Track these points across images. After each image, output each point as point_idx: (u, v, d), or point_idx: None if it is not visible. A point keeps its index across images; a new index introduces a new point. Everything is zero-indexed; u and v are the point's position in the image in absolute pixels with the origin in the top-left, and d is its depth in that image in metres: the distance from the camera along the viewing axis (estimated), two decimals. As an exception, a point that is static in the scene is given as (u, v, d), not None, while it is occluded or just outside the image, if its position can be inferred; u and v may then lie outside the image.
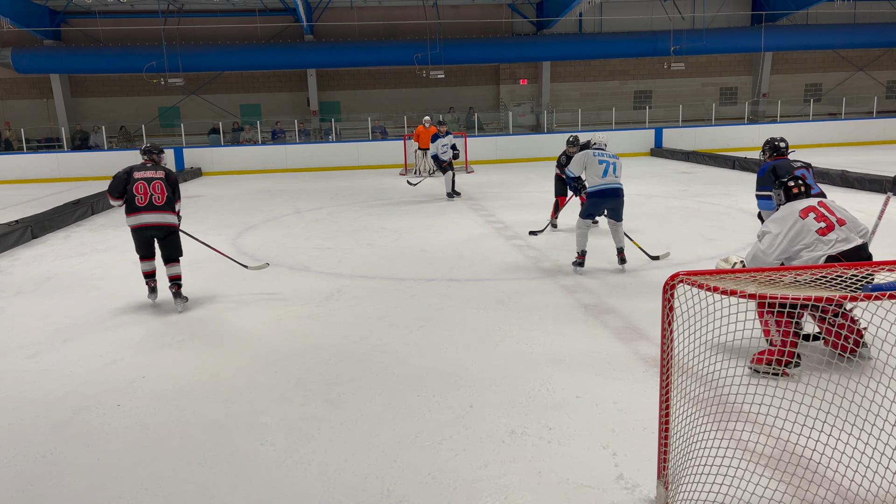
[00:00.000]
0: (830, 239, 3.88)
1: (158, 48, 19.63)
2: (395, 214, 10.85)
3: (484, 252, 7.74)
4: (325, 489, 3.05)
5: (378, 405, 3.88)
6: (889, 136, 20.38)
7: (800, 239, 3.92)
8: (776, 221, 4.06)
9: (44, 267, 7.88)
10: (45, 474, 3.27)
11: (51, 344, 5.17)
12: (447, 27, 21.80)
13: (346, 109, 23.28)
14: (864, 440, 2.64)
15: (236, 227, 10.11)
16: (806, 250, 3.88)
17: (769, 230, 4.05)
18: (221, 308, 5.96)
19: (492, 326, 5.18)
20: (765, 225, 4.14)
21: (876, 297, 2.21)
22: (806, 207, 4.00)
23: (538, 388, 4.00)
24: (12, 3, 18.39)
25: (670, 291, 2.55)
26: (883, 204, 6.04)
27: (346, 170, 18.87)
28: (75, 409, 3.99)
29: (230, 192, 14.61)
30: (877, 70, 24.41)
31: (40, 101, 22.17)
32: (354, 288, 6.44)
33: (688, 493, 2.71)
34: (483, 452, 3.30)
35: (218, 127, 20.41)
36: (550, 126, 22.62)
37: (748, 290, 2.30)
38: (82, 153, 18.99)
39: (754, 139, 20.09)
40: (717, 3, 22.81)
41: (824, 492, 2.74)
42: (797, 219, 3.96)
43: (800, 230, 3.92)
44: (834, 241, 3.87)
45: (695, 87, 24.43)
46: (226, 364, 4.63)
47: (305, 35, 21.81)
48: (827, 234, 3.89)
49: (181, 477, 3.20)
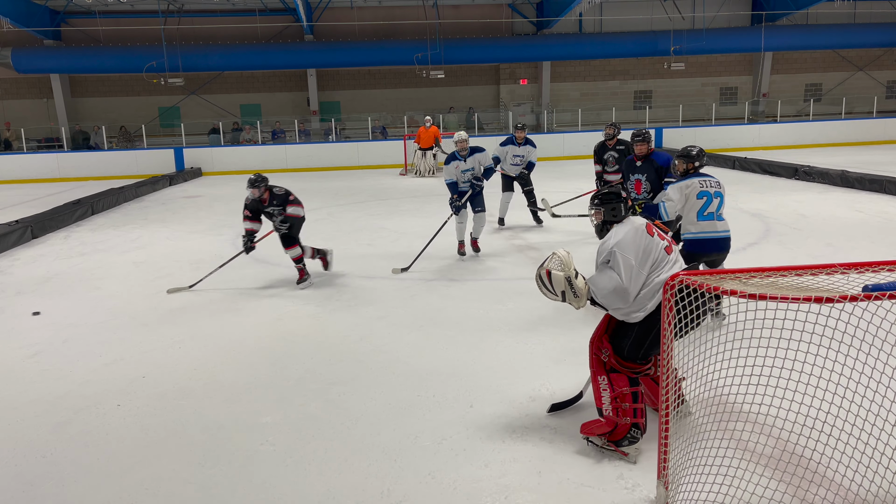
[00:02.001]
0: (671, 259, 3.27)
1: (158, 48, 19.61)
2: (395, 214, 10.85)
3: (484, 252, 7.74)
4: (325, 489, 3.05)
5: (378, 405, 3.88)
6: (889, 136, 20.37)
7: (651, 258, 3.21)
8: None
9: (44, 267, 7.88)
10: (45, 474, 3.27)
11: (51, 344, 5.17)
12: (447, 27, 21.79)
13: (346, 109, 23.27)
14: (864, 440, 2.64)
15: (236, 227, 10.09)
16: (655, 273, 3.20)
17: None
18: (221, 308, 5.96)
19: (492, 326, 5.18)
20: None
21: (876, 297, 2.21)
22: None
23: (538, 388, 4.00)
24: (12, 3, 18.37)
25: (670, 291, 2.55)
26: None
27: (346, 170, 18.86)
28: (75, 409, 3.99)
29: (230, 192, 14.60)
30: (877, 70, 24.40)
31: (40, 101, 22.15)
32: (354, 288, 6.44)
33: (688, 493, 2.71)
34: (483, 452, 3.30)
35: (218, 127, 20.40)
36: (550, 126, 22.61)
37: (748, 290, 2.30)
38: (82, 153, 18.98)
39: (754, 139, 20.11)
40: (717, 3, 22.80)
41: (824, 492, 2.74)
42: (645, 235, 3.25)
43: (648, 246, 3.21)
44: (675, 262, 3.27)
45: (695, 87, 24.41)
46: (226, 364, 4.63)
47: (305, 35, 21.79)
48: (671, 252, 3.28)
49: (181, 477, 3.20)
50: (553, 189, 12.56)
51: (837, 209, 9.74)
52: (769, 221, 8.98)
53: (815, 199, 10.76)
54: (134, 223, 11.01)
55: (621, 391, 3.23)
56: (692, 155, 4.85)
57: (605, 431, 3.22)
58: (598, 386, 3.34)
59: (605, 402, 3.28)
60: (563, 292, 3.27)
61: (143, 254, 8.40)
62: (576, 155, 19.87)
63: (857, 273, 2.44)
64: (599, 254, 3.32)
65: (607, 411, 3.26)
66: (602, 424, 3.24)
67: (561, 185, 13.24)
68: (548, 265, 3.29)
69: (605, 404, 3.28)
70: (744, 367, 2.67)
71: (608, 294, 3.18)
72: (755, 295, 2.25)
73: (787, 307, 2.35)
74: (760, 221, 9.03)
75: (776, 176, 13.87)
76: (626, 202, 3.37)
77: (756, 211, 9.76)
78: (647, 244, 3.21)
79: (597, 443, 3.26)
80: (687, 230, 4.80)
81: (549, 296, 3.34)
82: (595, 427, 3.26)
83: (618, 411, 3.22)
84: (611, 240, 3.24)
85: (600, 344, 3.39)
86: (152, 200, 13.74)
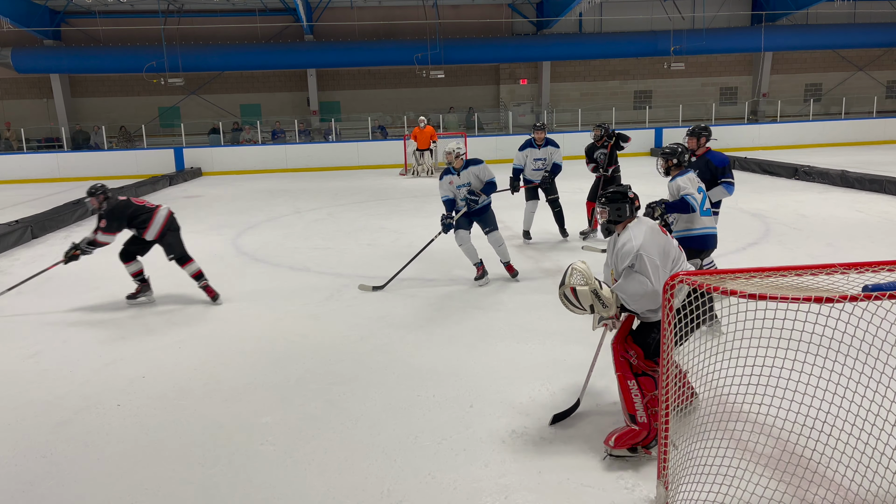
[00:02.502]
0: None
1: (158, 48, 19.61)
2: (395, 214, 10.85)
3: (484, 252, 7.73)
4: (325, 489, 3.05)
5: (378, 405, 3.88)
6: (889, 136, 20.37)
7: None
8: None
9: (44, 267, 7.86)
10: (45, 474, 3.27)
11: (51, 344, 5.17)
12: (447, 27, 21.79)
13: (346, 109, 23.27)
14: (864, 440, 2.64)
15: (236, 227, 10.10)
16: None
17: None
18: (221, 308, 5.96)
19: (492, 326, 5.18)
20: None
21: (876, 297, 2.21)
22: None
23: (538, 388, 4.00)
24: (12, 3, 18.36)
25: (670, 291, 2.55)
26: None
27: (346, 170, 18.86)
28: (75, 409, 3.99)
29: (230, 192, 14.60)
30: (877, 70, 24.39)
31: (40, 101, 22.15)
32: (354, 288, 6.44)
33: (688, 492, 2.71)
34: (483, 452, 3.30)
35: (218, 127, 20.40)
36: (550, 126, 22.60)
37: (748, 290, 2.30)
38: (82, 153, 18.98)
39: (754, 139, 20.10)
40: (717, 3, 22.80)
41: (824, 492, 2.74)
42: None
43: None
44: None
45: (695, 87, 24.41)
46: (226, 364, 4.63)
47: (305, 35, 21.79)
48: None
49: (181, 477, 3.20)
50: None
51: (837, 209, 9.74)
52: (769, 221, 8.98)
53: (815, 199, 10.76)
54: (134, 223, 10.99)
55: (652, 394, 3.13)
56: (679, 151, 4.81)
57: (641, 439, 3.09)
58: (629, 391, 3.18)
59: (639, 408, 3.13)
60: (590, 305, 3.19)
61: (143, 254, 8.38)
62: (576, 155, 19.84)
63: (857, 273, 2.44)
64: (620, 257, 3.22)
65: (641, 417, 3.11)
66: (637, 433, 3.10)
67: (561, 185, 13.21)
68: (571, 282, 3.18)
69: (639, 410, 3.13)
70: (744, 367, 2.68)
71: (640, 299, 3.12)
72: (755, 295, 2.25)
73: (787, 307, 2.35)
74: (760, 221, 9.03)
75: (776, 176, 13.88)
76: (633, 202, 3.32)
77: (756, 211, 9.76)
78: (665, 243, 3.21)
79: (619, 455, 3.12)
80: (689, 227, 4.74)
81: (576, 311, 3.25)
82: (629, 437, 3.11)
83: (652, 415, 3.09)
84: (632, 242, 3.16)
85: (626, 346, 3.26)
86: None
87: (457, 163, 6.34)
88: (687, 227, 4.76)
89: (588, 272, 3.19)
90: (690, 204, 4.60)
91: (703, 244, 4.76)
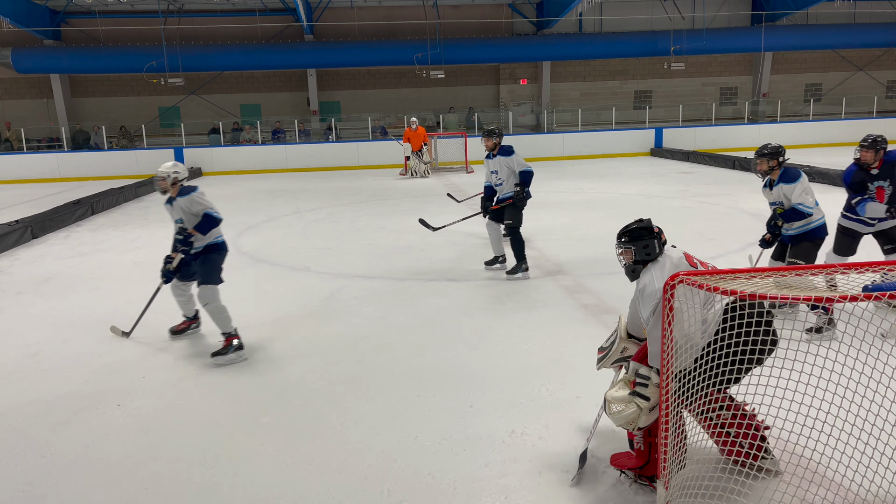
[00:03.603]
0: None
1: (158, 48, 19.62)
2: (395, 214, 10.85)
3: (484, 252, 7.74)
4: (325, 489, 3.05)
5: (378, 405, 3.88)
6: (889, 136, 20.28)
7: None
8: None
9: (44, 267, 7.88)
10: (45, 474, 3.27)
11: (51, 344, 5.17)
12: (447, 27, 21.79)
13: (346, 109, 23.28)
14: (864, 440, 2.64)
15: (236, 227, 10.10)
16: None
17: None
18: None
19: (492, 326, 5.18)
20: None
21: (876, 297, 2.21)
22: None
23: (538, 388, 4.00)
24: (12, 3, 18.37)
25: (670, 292, 2.54)
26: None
27: (346, 170, 18.87)
28: (75, 409, 3.99)
29: (230, 192, 14.60)
30: (877, 70, 24.40)
31: (40, 101, 22.16)
32: (354, 288, 6.44)
33: (688, 493, 2.71)
34: (483, 452, 3.30)
35: (218, 127, 20.42)
36: (550, 126, 22.61)
37: (748, 290, 2.30)
38: (82, 153, 18.99)
39: (754, 139, 20.08)
40: (717, 3, 22.81)
41: (824, 492, 2.74)
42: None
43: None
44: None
45: (695, 87, 24.42)
46: (226, 364, 4.63)
47: (305, 35, 21.80)
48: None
49: (181, 477, 3.20)
50: (553, 189, 12.57)
51: (837, 209, 9.70)
52: (769, 221, 8.96)
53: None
54: (134, 223, 11.02)
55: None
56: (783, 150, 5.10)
57: (635, 466, 2.94)
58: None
59: (637, 435, 2.91)
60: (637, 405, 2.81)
61: (143, 254, 8.40)
62: (576, 155, 19.89)
63: (857, 273, 2.44)
64: (645, 301, 2.82)
65: (639, 444, 2.92)
66: (634, 459, 2.96)
67: (561, 185, 13.25)
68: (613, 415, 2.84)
69: (637, 436, 2.91)
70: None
71: (679, 355, 2.72)
72: (755, 295, 2.25)
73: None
74: (760, 221, 9.01)
75: (776, 176, 13.84)
76: (660, 237, 2.93)
77: (756, 211, 9.75)
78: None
79: (630, 475, 3.01)
80: (809, 221, 5.07)
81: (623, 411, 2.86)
82: (624, 460, 3.02)
83: (650, 445, 2.87)
84: (654, 283, 2.79)
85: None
86: (152, 200, 13.74)
87: (173, 190, 4.84)
88: (810, 219, 5.06)
89: (616, 396, 2.86)
90: (805, 211, 4.97)
91: (823, 233, 5.11)
